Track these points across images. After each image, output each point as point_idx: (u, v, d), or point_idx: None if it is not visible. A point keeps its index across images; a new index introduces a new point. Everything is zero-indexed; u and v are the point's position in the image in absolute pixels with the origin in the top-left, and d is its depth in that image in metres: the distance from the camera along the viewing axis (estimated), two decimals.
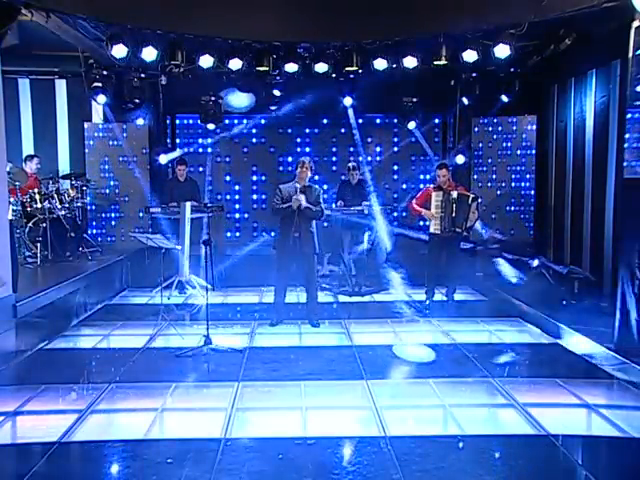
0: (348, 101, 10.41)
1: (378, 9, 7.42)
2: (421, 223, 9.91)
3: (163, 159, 10.57)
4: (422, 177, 11.91)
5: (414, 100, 10.26)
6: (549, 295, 7.68)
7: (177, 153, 9.36)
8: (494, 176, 11.20)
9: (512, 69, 9.36)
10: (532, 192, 11.09)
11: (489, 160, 11.09)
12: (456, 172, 10.83)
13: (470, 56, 7.97)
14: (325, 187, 11.76)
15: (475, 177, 11.10)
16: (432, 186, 8.31)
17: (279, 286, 7.37)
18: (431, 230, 8.06)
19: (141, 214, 10.95)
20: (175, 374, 5.53)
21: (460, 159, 10.69)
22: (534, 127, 10.97)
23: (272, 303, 7.53)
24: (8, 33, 6.63)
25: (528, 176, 11.11)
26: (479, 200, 8.23)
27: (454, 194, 7.93)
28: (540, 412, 4.61)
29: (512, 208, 11.19)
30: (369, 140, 11.89)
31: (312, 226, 7.16)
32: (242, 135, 11.83)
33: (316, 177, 11.81)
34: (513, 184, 11.18)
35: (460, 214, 7.90)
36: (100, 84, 9.62)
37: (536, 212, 10.98)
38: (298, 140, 11.91)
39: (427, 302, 8.30)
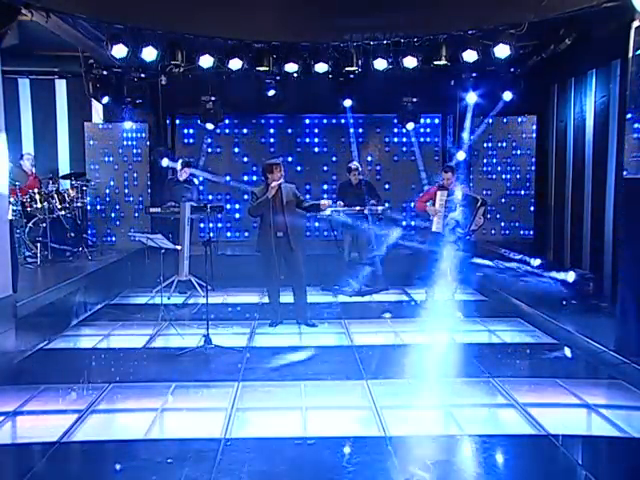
0: (348, 102, 10.43)
1: (378, 9, 7.42)
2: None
3: (165, 162, 10.57)
4: (422, 176, 11.88)
5: (414, 100, 10.26)
6: (549, 295, 7.68)
7: (179, 166, 9.38)
8: (494, 176, 11.20)
9: (512, 69, 9.36)
10: (532, 192, 11.10)
11: (489, 160, 11.10)
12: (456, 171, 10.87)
13: (470, 56, 7.96)
14: (325, 187, 11.80)
15: (474, 177, 11.10)
16: (437, 185, 8.29)
17: (271, 289, 7.36)
18: (433, 229, 8.03)
19: (136, 214, 10.99)
20: (175, 374, 5.53)
21: (461, 155, 10.70)
22: (534, 127, 10.97)
23: (268, 304, 7.54)
24: (8, 33, 6.62)
25: (528, 176, 11.12)
26: (487, 206, 8.20)
27: (459, 194, 7.91)
28: (540, 412, 4.60)
29: (512, 208, 11.20)
30: (369, 140, 11.88)
31: (297, 223, 7.16)
32: (242, 135, 11.85)
33: (316, 177, 11.88)
34: (513, 184, 11.18)
35: (465, 215, 7.87)
36: (100, 84, 9.64)
37: (536, 212, 10.98)
38: (298, 140, 11.91)
39: (427, 302, 8.29)
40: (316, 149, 11.93)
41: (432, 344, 6.57)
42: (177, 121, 11.75)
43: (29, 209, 8.82)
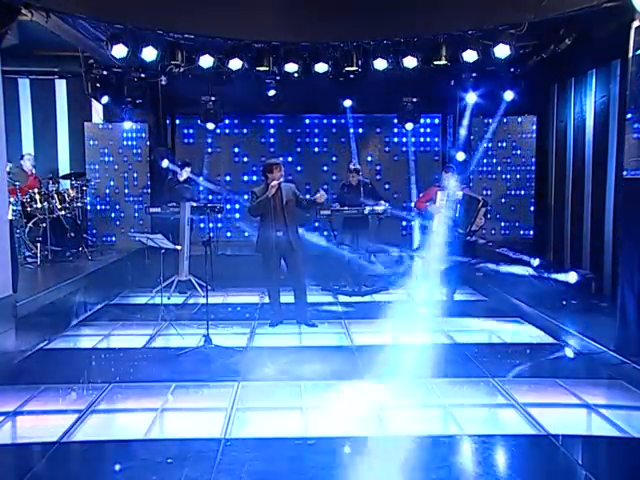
0: (348, 102, 10.43)
1: (378, 9, 7.42)
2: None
3: (165, 163, 10.57)
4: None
5: (414, 100, 10.27)
6: (549, 295, 7.68)
7: (184, 173, 9.44)
8: (494, 176, 11.20)
9: (512, 69, 9.36)
10: (532, 192, 11.09)
11: (489, 160, 11.09)
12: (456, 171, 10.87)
13: (470, 56, 7.96)
14: (325, 187, 11.78)
15: (474, 177, 11.10)
16: (437, 185, 8.28)
17: (271, 289, 7.36)
18: (433, 229, 8.04)
19: (136, 214, 10.99)
20: (175, 374, 5.53)
21: (460, 156, 10.70)
22: (534, 127, 10.97)
23: (268, 304, 7.55)
24: (8, 33, 6.62)
25: (528, 176, 11.11)
26: (488, 207, 8.20)
27: (459, 194, 7.91)
28: (540, 412, 4.61)
29: (512, 208, 11.19)
30: (369, 140, 11.87)
31: (296, 222, 7.16)
32: (242, 135, 11.84)
33: (316, 177, 11.87)
34: (513, 184, 11.17)
35: (465, 215, 7.87)
36: (100, 84, 9.65)
37: (536, 212, 10.98)
38: (298, 140, 11.90)
39: (427, 302, 8.28)
40: (316, 149, 11.93)
41: (432, 344, 6.57)
42: (177, 121, 11.75)
43: (29, 209, 8.83)
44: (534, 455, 4.07)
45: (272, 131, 11.85)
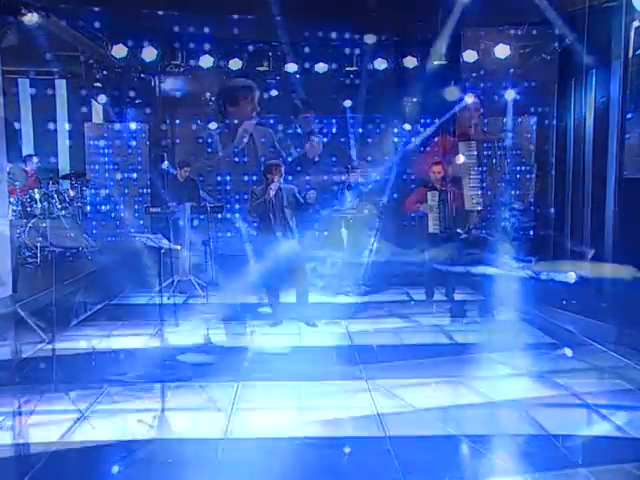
0: (348, 102, 10.43)
1: (378, 9, 7.44)
2: None
3: (165, 165, 10.57)
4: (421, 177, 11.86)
5: (414, 100, 10.27)
6: (549, 295, 7.68)
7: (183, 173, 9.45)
8: (494, 176, 11.18)
9: (512, 69, 9.37)
10: (532, 192, 11.09)
11: (489, 160, 11.08)
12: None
13: (470, 56, 7.98)
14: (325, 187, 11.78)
15: (474, 177, 11.09)
16: (425, 186, 8.27)
17: (270, 288, 7.37)
18: (430, 230, 8.04)
19: (136, 214, 11.00)
20: (175, 374, 5.52)
21: (460, 159, 10.68)
22: (534, 127, 10.97)
23: (268, 304, 7.54)
24: (8, 33, 6.63)
25: (528, 176, 11.11)
26: (480, 207, 8.23)
27: (452, 194, 7.92)
28: (540, 412, 4.61)
29: (511, 207, 11.18)
30: (369, 140, 11.86)
31: (297, 224, 7.16)
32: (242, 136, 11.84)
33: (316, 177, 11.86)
34: (513, 184, 11.16)
35: (461, 214, 7.88)
36: (100, 84, 9.66)
37: (536, 212, 10.98)
38: (299, 140, 11.89)
39: (426, 302, 8.29)
40: (315, 150, 11.90)
41: (432, 344, 6.57)
42: (177, 121, 11.73)
43: (29, 209, 8.82)
44: (534, 455, 4.07)
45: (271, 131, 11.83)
